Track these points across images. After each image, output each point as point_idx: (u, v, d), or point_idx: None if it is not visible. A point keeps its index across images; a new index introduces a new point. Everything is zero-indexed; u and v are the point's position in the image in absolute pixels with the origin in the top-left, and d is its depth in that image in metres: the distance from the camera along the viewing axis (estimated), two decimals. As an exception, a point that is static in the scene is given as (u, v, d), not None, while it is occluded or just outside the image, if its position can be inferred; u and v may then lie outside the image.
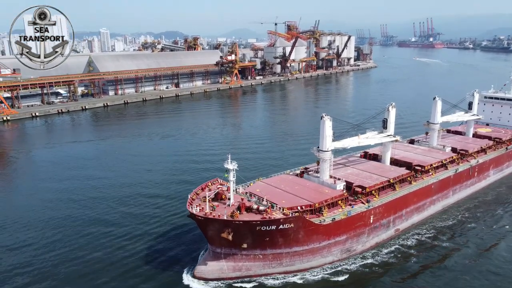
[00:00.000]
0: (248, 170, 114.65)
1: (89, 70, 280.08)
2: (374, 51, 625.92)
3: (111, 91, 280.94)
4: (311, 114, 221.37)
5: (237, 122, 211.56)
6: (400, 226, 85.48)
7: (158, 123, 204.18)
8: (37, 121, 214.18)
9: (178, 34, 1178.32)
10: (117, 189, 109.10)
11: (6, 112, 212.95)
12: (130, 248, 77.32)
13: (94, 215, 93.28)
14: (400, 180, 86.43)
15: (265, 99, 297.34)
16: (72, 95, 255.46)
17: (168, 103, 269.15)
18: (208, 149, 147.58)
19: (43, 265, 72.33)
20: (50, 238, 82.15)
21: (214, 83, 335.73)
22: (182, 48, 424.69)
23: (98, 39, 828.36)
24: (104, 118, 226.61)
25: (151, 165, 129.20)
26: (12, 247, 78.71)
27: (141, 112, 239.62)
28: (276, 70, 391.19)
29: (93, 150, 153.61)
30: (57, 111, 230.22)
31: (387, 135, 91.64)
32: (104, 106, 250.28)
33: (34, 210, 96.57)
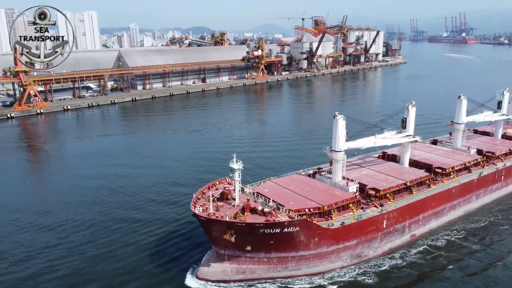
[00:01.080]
0: (265, 168, 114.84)
1: (118, 65, 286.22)
2: (404, 47, 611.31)
3: (139, 85, 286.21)
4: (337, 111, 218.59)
5: (262, 118, 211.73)
6: (416, 232, 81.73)
7: (185, 118, 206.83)
8: (69, 114, 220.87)
9: (205, 29, 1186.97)
10: (140, 184, 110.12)
11: (39, 105, 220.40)
12: (139, 243, 77.97)
13: (112, 208, 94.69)
14: (418, 183, 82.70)
15: (291, 95, 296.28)
16: (102, 89, 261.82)
17: (194, 98, 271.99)
18: (234, 145, 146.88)
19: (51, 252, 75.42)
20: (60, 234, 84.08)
21: (240, 79, 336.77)
22: (209, 43, 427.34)
23: (128, 35, 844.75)
24: (132, 112, 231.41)
25: (176, 161, 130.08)
26: (45, 227, 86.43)
27: (168, 107, 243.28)
28: (302, 66, 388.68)
29: (121, 144, 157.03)
30: (88, 105, 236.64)
31: (406, 136, 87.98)
32: (133, 100, 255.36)
33: (59, 200, 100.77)
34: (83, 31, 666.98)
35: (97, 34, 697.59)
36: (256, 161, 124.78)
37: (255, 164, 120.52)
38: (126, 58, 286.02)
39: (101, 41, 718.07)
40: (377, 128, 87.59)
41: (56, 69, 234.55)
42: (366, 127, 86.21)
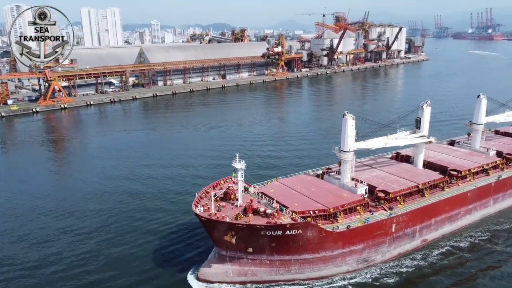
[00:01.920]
0: (279, 167, 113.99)
1: (140, 61, 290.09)
2: (427, 43, 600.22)
3: (160, 81, 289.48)
4: (358, 108, 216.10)
5: (281, 115, 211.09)
6: (428, 237, 78.62)
7: (205, 114, 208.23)
8: (91, 109, 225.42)
9: (225, 26, 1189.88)
10: (156, 180, 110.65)
11: (63, 100, 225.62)
12: (144, 239, 79.02)
13: (124, 203, 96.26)
14: (431, 186, 79.34)
15: (311, 92, 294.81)
16: (123, 85, 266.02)
17: (214, 94, 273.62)
18: (254, 142, 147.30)
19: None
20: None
21: (260, 75, 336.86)
22: (229, 40, 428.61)
23: (149, 31, 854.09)
24: (153, 108, 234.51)
25: (195, 157, 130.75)
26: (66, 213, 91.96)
27: (188, 103, 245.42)
28: (322, 62, 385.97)
29: (141, 140, 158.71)
30: (110, 100, 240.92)
31: (420, 136, 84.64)
32: (153, 96, 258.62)
33: (78, 191, 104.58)
34: (106, 27, 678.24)
35: (119, 30, 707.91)
36: (272, 159, 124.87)
37: (269, 163, 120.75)
38: (147, 54, 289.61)
39: (123, 37, 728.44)
40: (390, 128, 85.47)
41: (80, 64, 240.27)
42: (379, 127, 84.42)
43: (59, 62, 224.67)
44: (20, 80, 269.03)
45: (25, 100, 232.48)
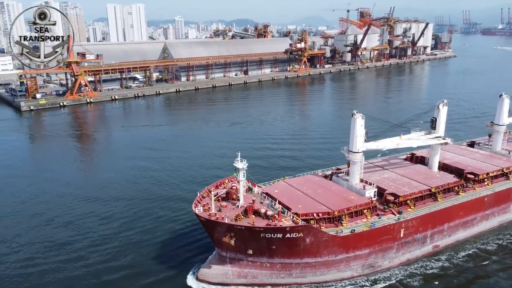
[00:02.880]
0: (292, 168, 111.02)
1: (164, 56, 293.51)
2: (454, 40, 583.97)
3: (183, 77, 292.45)
4: (381, 106, 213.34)
5: (303, 112, 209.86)
6: (440, 243, 75.61)
7: (227, 110, 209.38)
8: (116, 104, 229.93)
9: (248, 21, 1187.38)
10: (179, 175, 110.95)
11: (89, 94, 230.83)
12: (153, 234, 79.77)
13: (147, 195, 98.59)
14: (445, 190, 76.02)
15: (333, 89, 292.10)
16: (147, 80, 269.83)
17: (236, 90, 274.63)
18: (276, 138, 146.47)
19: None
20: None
21: (282, 71, 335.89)
22: (252, 35, 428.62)
23: (173, 27, 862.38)
24: (175, 103, 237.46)
25: (217, 153, 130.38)
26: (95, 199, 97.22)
27: (210, 98, 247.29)
28: (346, 59, 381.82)
29: (164, 135, 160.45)
30: (134, 95, 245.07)
31: (435, 137, 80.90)
32: (176, 91, 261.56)
33: (99, 184, 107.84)
34: (131, 23, 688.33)
35: (144, 26, 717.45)
36: (288, 158, 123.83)
37: (287, 161, 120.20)
38: (171, 50, 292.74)
39: (147, 33, 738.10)
40: (404, 128, 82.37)
41: (106, 60, 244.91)
42: (391, 127, 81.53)
43: (85, 57, 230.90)
44: (48, 75, 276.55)
45: (52, 94, 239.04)
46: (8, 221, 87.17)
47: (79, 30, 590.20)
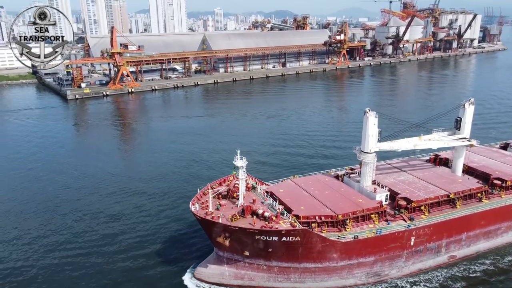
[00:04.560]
0: (318, 164, 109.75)
1: (203, 48, 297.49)
2: (505, 32, 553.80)
3: (221, 68, 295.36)
4: (422, 101, 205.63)
5: (342, 105, 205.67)
6: (456, 253, 69.86)
7: (264, 102, 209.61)
8: (156, 94, 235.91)
9: (287, 13, 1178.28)
10: (213, 167, 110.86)
11: (131, 85, 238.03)
12: (155, 230, 79.85)
13: (177, 185, 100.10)
14: (465, 196, 69.71)
15: (373, 82, 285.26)
16: (186, 71, 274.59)
17: (274, 82, 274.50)
18: (313, 133, 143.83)
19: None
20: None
21: (321, 63, 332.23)
22: (291, 27, 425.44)
23: (212, 18, 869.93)
24: (213, 95, 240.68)
25: (253, 146, 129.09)
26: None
27: (248, 90, 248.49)
28: (387, 51, 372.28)
29: (201, 126, 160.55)
30: (173, 85, 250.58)
31: (459, 138, 74.98)
32: (214, 82, 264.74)
33: (137, 171, 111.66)
34: (171, 15, 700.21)
35: (184, 18, 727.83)
36: (320, 155, 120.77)
37: (317, 158, 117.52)
38: (210, 42, 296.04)
39: (187, 24, 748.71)
40: (424, 129, 77.12)
41: (147, 51, 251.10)
42: (410, 126, 77.05)
43: (127, 48, 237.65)
44: (93, 65, 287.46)
45: (96, 84, 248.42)
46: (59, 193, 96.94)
47: (122, 21, 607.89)
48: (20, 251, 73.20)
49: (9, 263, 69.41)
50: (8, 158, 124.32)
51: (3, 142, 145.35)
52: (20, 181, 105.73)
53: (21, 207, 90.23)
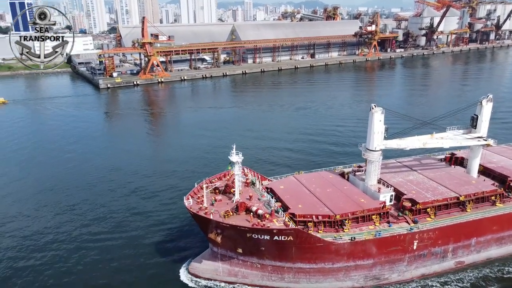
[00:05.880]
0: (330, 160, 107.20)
1: (231, 38, 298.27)
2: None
3: (249, 59, 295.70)
4: (456, 96, 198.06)
5: (371, 98, 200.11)
6: (465, 259, 66.56)
7: (292, 93, 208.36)
8: (185, 84, 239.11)
9: (318, 3, 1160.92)
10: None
11: (160, 74, 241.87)
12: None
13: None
14: (478, 199, 66.00)
15: (404, 75, 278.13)
16: (215, 62, 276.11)
17: (302, 73, 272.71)
18: (341, 127, 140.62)
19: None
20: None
21: (350, 55, 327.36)
22: (321, 18, 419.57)
23: (242, 9, 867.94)
24: (241, 86, 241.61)
25: (281, 139, 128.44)
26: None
27: (276, 81, 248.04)
28: (420, 43, 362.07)
29: (229, 117, 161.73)
30: (202, 76, 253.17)
31: (474, 137, 70.90)
32: (243, 73, 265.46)
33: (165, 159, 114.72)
34: (201, 5, 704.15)
35: (214, 8, 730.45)
36: (342, 150, 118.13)
37: (338, 153, 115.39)
38: (239, 32, 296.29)
39: (217, 15, 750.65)
40: (436, 126, 73.51)
41: (176, 41, 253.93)
42: (421, 124, 73.41)
43: (158, 38, 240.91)
44: (124, 55, 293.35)
45: (127, 73, 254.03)
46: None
47: (153, 12, 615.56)
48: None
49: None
50: (47, 144, 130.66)
51: (41, 129, 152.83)
52: (56, 166, 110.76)
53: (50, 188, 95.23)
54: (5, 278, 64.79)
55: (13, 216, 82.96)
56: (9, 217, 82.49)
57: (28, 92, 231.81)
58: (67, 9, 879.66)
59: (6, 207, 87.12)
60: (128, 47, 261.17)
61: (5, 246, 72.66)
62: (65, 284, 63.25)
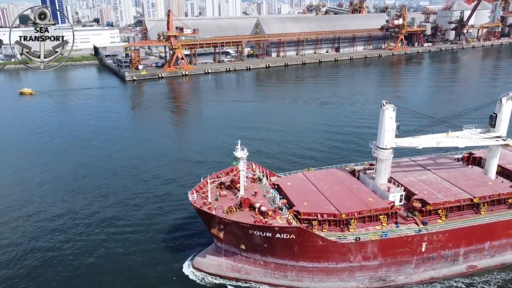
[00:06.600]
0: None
1: (256, 31, 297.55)
2: None
3: (273, 52, 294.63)
4: (485, 93, 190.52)
5: (397, 94, 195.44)
6: (477, 263, 64.51)
7: (316, 88, 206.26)
8: (208, 77, 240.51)
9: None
10: (263, 154, 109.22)
11: (185, 67, 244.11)
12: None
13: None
14: (493, 201, 63.62)
15: (431, 70, 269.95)
16: (239, 55, 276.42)
17: (326, 67, 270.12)
18: (364, 123, 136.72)
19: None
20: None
21: (376, 49, 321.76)
22: (346, 11, 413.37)
23: (266, 2, 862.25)
24: (265, 79, 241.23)
25: (303, 134, 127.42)
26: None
27: (299, 76, 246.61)
28: (448, 37, 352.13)
29: (252, 111, 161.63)
30: (226, 69, 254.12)
31: (493, 137, 68.33)
32: (266, 67, 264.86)
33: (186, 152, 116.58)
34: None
35: (238, 1, 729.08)
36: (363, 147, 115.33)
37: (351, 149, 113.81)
38: (263, 25, 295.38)
39: (241, 8, 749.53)
40: (451, 125, 71.43)
41: (201, 34, 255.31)
42: (435, 123, 71.72)
43: (183, 31, 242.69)
44: (150, 48, 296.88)
45: (152, 66, 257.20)
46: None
47: (178, 5, 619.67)
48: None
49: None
50: (76, 134, 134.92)
51: (68, 119, 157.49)
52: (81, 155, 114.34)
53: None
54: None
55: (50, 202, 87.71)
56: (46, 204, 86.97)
57: (56, 84, 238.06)
58: (95, 2, 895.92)
59: (42, 193, 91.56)
60: (154, 40, 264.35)
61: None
62: (70, 270, 65.10)
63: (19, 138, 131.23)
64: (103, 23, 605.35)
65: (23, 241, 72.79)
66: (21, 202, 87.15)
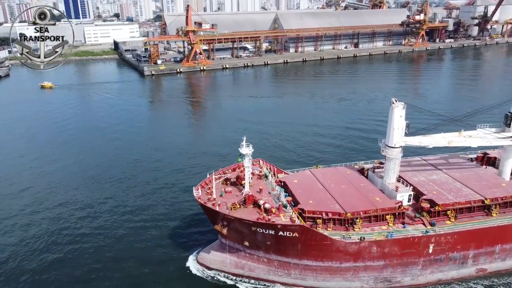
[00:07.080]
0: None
1: (274, 27, 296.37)
2: None
3: (291, 48, 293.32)
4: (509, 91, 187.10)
5: (417, 92, 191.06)
6: (487, 266, 62.94)
7: (334, 84, 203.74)
8: (226, 72, 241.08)
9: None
10: (278, 151, 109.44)
11: (203, 62, 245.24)
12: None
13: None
14: (506, 203, 62.00)
15: (453, 67, 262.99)
16: (257, 51, 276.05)
17: (345, 63, 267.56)
18: (383, 121, 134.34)
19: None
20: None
21: (396, 45, 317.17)
22: (366, 6, 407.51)
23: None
24: (282, 75, 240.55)
25: (314, 131, 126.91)
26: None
27: (317, 71, 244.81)
28: (471, 33, 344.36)
29: (269, 107, 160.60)
30: (243, 64, 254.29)
31: (507, 137, 66.30)
32: (284, 62, 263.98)
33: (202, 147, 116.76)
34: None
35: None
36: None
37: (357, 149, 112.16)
38: (282, 21, 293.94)
39: (260, 3, 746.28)
40: (464, 123, 69.38)
41: (219, 29, 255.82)
42: (449, 121, 69.90)
43: (201, 26, 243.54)
44: (168, 43, 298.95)
45: (171, 61, 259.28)
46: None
47: (197, 0, 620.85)
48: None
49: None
50: (97, 127, 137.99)
51: (91, 112, 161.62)
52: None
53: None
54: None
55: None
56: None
57: (76, 77, 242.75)
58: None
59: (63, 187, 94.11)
60: (172, 35, 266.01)
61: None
62: (80, 262, 66.31)
63: (42, 131, 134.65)
64: (123, 18, 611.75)
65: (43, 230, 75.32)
66: (46, 192, 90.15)
